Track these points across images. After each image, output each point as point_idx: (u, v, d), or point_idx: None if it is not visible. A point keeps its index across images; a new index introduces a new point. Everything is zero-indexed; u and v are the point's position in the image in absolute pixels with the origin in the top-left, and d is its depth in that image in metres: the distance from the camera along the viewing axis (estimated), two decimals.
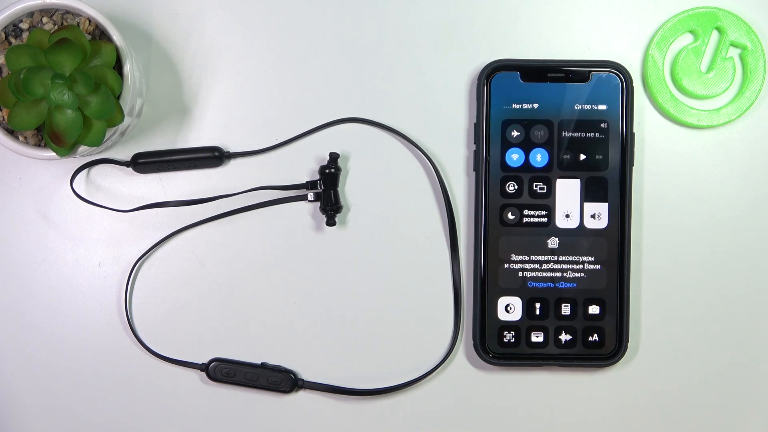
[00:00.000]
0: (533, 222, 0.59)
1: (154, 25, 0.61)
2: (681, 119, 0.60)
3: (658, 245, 0.60)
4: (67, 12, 0.56)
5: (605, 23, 0.61)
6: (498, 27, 0.61)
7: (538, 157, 0.59)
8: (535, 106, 0.59)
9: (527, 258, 0.59)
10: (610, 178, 0.59)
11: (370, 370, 0.61)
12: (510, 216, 0.59)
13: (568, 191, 0.59)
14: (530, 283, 0.59)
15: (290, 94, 0.61)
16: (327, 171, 0.60)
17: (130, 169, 0.60)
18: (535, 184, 0.59)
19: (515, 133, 0.59)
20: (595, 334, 0.59)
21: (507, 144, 0.59)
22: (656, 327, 0.60)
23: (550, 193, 0.59)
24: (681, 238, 0.61)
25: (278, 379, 0.60)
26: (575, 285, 0.59)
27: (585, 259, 0.59)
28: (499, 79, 0.59)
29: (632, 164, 0.59)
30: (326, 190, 0.60)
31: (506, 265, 0.59)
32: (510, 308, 0.59)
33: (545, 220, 0.59)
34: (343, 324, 0.61)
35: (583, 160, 0.59)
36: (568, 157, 0.59)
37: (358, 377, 0.61)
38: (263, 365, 0.60)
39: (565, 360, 0.59)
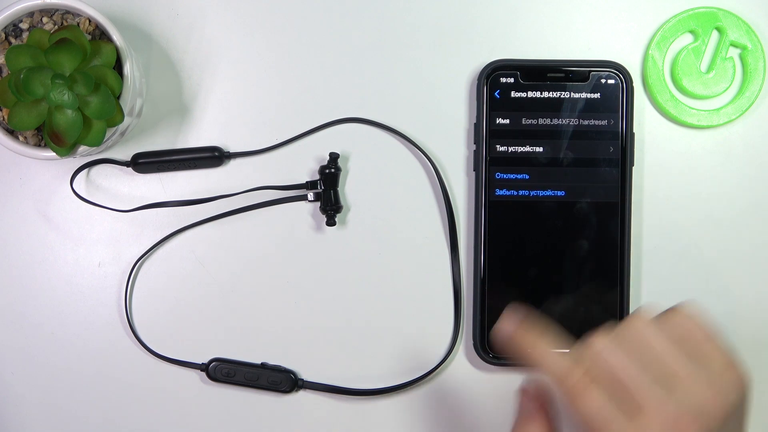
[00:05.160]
0: (534, 222, 0.59)
1: (154, 25, 0.61)
2: (681, 119, 0.60)
3: (658, 245, 0.60)
4: (67, 12, 0.56)
5: (605, 23, 0.61)
6: (498, 27, 0.61)
7: (538, 158, 0.59)
8: (535, 106, 0.59)
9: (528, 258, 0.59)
10: (610, 177, 0.59)
11: (370, 370, 0.61)
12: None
13: None
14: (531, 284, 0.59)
15: (290, 94, 0.61)
16: (327, 171, 0.60)
17: (130, 169, 0.60)
18: (535, 184, 0.59)
19: (515, 134, 0.59)
20: None
21: (507, 144, 0.59)
22: None
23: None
24: (681, 238, 0.61)
25: (278, 379, 0.60)
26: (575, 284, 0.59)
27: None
28: (499, 79, 0.59)
29: (632, 164, 0.59)
30: (326, 190, 0.60)
31: (507, 265, 0.59)
32: (510, 308, 0.59)
33: (546, 220, 0.59)
34: (343, 324, 0.61)
35: (583, 160, 0.59)
36: (568, 157, 0.59)
37: (358, 377, 0.61)
38: (263, 365, 0.60)
39: None
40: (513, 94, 0.59)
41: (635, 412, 0.47)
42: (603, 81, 0.59)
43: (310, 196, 0.60)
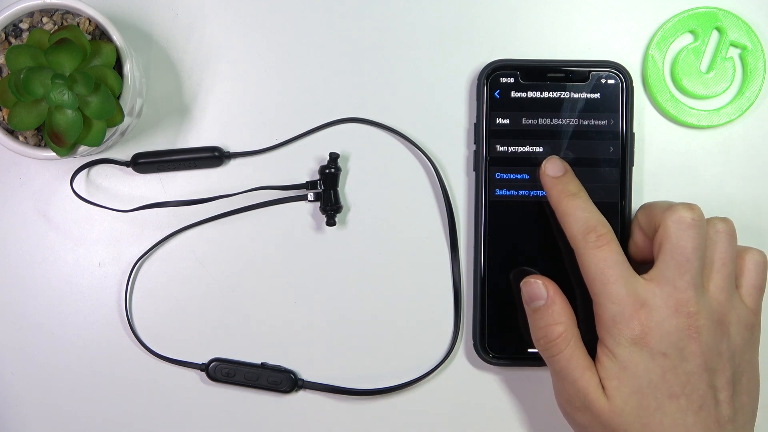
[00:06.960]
0: (534, 222, 0.59)
1: (154, 25, 0.61)
2: (681, 119, 0.60)
3: None
4: (67, 12, 0.56)
5: (605, 23, 0.61)
6: (498, 27, 0.61)
7: (538, 158, 0.59)
8: (535, 106, 0.59)
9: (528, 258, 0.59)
10: (610, 177, 0.59)
11: (370, 370, 0.61)
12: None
13: None
14: None
15: (290, 94, 0.61)
16: (327, 171, 0.60)
17: (130, 169, 0.60)
18: (535, 184, 0.59)
19: (515, 134, 0.59)
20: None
21: (507, 144, 0.59)
22: None
23: None
24: None
25: (278, 379, 0.60)
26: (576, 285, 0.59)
27: None
28: (499, 79, 0.59)
29: (632, 164, 0.59)
30: (326, 190, 0.60)
31: (506, 265, 0.59)
32: (510, 308, 0.59)
33: (546, 220, 0.59)
34: (343, 324, 0.61)
35: (583, 160, 0.59)
36: (568, 157, 0.59)
37: (358, 377, 0.61)
38: (263, 365, 0.60)
39: None
40: (513, 94, 0.59)
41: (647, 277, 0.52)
42: (603, 81, 0.59)
43: (310, 196, 0.60)
